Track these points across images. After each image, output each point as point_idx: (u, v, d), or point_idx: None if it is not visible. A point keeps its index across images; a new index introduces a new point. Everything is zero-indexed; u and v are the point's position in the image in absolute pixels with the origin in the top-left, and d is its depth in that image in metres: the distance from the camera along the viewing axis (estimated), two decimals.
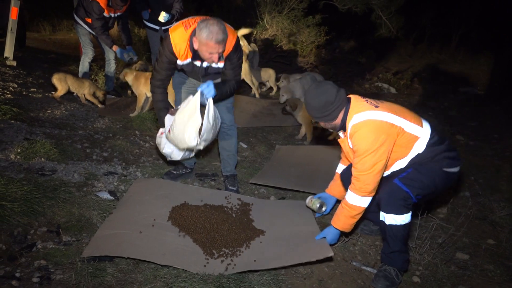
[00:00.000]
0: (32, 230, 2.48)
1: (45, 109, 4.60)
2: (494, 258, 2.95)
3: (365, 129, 2.29)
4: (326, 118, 2.43)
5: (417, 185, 2.39)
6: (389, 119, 2.31)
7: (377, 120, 2.29)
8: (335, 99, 2.36)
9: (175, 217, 2.80)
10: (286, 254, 2.49)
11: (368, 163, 2.29)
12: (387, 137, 2.28)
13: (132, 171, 3.53)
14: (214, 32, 2.54)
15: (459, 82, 9.05)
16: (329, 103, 2.36)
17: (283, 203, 3.29)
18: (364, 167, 2.31)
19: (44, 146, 3.39)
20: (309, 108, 2.47)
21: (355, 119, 2.33)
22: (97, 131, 4.29)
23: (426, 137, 2.41)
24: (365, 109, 2.33)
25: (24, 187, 2.69)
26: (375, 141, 2.26)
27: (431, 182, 2.43)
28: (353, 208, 2.43)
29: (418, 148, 2.41)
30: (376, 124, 2.28)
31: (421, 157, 2.42)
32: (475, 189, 4.02)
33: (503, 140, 5.51)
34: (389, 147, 2.30)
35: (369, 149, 2.27)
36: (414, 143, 2.40)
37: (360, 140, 2.30)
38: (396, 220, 2.37)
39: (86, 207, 2.80)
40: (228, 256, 2.48)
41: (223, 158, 3.43)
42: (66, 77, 4.98)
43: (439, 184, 2.48)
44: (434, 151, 2.41)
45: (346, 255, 2.75)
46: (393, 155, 2.40)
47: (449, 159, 2.45)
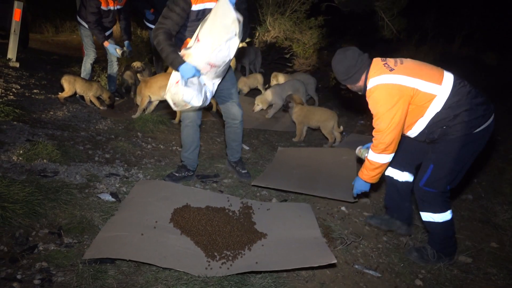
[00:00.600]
0: (33, 232, 2.48)
1: (48, 111, 4.61)
2: (497, 261, 2.93)
3: (377, 93, 2.45)
4: (350, 81, 2.64)
5: (443, 177, 2.53)
6: (402, 81, 2.41)
7: (389, 83, 2.42)
8: (356, 62, 2.56)
9: (177, 219, 2.80)
10: (288, 257, 2.48)
11: (382, 123, 2.45)
12: (399, 98, 2.40)
13: (134, 172, 3.53)
14: None
15: None
16: (351, 66, 2.57)
17: (285, 205, 3.28)
18: (379, 127, 2.48)
19: (46, 148, 3.39)
20: (335, 71, 2.69)
21: (370, 84, 2.52)
22: (99, 133, 4.30)
23: (445, 95, 2.42)
24: (380, 73, 2.48)
25: (26, 188, 2.69)
26: (387, 103, 2.41)
27: (459, 164, 2.51)
28: (373, 164, 2.62)
29: (436, 107, 2.44)
30: (388, 88, 2.43)
31: (438, 120, 2.46)
32: (478, 191, 4.00)
33: (507, 142, 5.49)
34: (403, 108, 2.41)
35: (382, 111, 2.43)
36: (431, 102, 2.44)
37: (374, 104, 2.49)
38: (434, 218, 2.63)
39: (88, 209, 2.80)
40: (230, 259, 2.47)
41: (232, 147, 3.70)
42: (76, 79, 5.02)
43: (469, 154, 2.52)
44: (453, 111, 2.42)
45: (348, 258, 2.74)
46: (411, 114, 2.49)
47: (473, 119, 2.42)
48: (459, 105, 2.42)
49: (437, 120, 2.47)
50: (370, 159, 2.65)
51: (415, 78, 2.42)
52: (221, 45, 2.82)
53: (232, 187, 3.56)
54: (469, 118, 2.41)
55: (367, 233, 3.07)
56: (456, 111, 2.42)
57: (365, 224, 3.18)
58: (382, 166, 2.62)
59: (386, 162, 2.60)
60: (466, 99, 2.42)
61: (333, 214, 3.23)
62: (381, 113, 2.45)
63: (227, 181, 3.66)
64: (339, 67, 2.64)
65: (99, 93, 5.18)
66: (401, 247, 2.95)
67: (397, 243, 3.02)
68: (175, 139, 4.47)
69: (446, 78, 2.47)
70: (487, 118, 2.46)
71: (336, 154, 4.25)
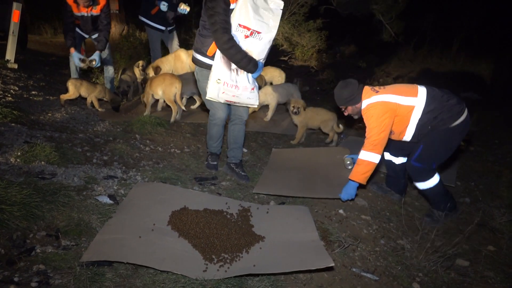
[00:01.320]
0: (31, 234, 2.48)
1: (46, 112, 4.60)
2: (495, 264, 2.94)
3: (370, 110, 3.15)
4: (352, 102, 3.26)
5: (429, 156, 3.22)
6: (386, 98, 3.12)
7: (377, 102, 3.13)
8: (357, 88, 3.24)
9: (174, 221, 2.80)
10: (286, 260, 2.48)
11: (374, 131, 3.13)
12: (386, 112, 3.10)
13: (132, 175, 3.52)
14: None
15: (460, 87, 9.04)
16: (354, 91, 3.23)
17: (283, 208, 3.28)
18: (372, 134, 3.14)
19: (44, 150, 3.39)
20: (340, 96, 3.30)
21: (363, 105, 3.24)
22: (98, 135, 4.29)
23: (421, 103, 3.12)
24: (369, 96, 3.19)
25: (24, 190, 2.68)
26: (378, 117, 3.11)
27: (442, 147, 3.21)
28: (362, 162, 3.17)
29: (416, 114, 3.14)
30: (377, 105, 3.13)
31: (424, 123, 3.16)
32: (475, 195, 4.01)
33: (504, 146, 5.50)
34: (389, 120, 3.11)
35: (374, 123, 3.12)
36: (412, 112, 3.14)
37: (368, 119, 3.17)
38: (427, 184, 3.31)
39: (86, 211, 2.80)
40: (228, 262, 2.47)
41: (234, 148, 3.81)
42: (82, 83, 5.08)
43: (451, 142, 3.23)
44: (434, 114, 3.11)
45: (346, 261, 2.74)
46: (399, 123, 3.20)
47: (450, 116, 3.11)
48: (436, 108, 3.10)
49: (422, 124, 3.17)
50: (360, 157, 3.20)
51: (395, 95, 3.13)
52: (271, 40, 3.28)
53: (230, 190, 3.56)
54: (447, 116, 3.10)
55: (365, 236, 3.08)
56: (435, 113, 3.11)
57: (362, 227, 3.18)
58: (371, 165, 3.16)
59: (374, 162, 3.16)
60: (441, 102, 3.12)
61: (331, 217, 3.24)
62: (373, 124, 3.13)
63: (225, 184, 3.67)
64: (344, 92, 3.26)
65: (102, 95, 5.21)
66: (398, 250, 2.95)
67: (395, 246, 3.02)
68: (173, 141, 4.47)
69: (420, 91, 3.16)
70: (461, 114, 3.13)
71: (330, 153, 4.24)
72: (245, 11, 3.07)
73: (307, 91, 8.04)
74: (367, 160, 3.16)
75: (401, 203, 3.44)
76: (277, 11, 3.25)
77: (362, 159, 3.19)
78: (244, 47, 3.16)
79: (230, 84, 3.25)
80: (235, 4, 3.11)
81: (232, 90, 3.27)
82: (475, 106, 7.94)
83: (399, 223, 3.36)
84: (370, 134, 3.15)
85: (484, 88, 9.06)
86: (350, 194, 3.25)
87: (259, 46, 3.21)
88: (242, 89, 3.30)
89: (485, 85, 9.26)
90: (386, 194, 3.83)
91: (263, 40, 3.20)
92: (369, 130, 3.16)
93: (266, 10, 3.18)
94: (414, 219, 3.39)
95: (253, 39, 3.17)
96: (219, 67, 3.21)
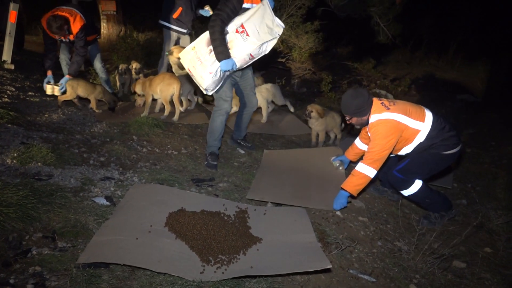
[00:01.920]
0: (27, 235, 2.47)
1: (43, 113, 4.59)
2: (491, 266, 2.95)
3: (380, 127, 3.12)
4: (360, 114, 3.23)
5: (412, 171, 3.28)
6: (397, 118, 3.10)
7: (388, 119, 3.10)
8: (367, 100, 3.18)
9: (171, 223, 2.79)
10: (284, 262, 2.48)
11: (377, 147, 3.14)
12: (394, 132, 3.11)
13: (129, 176, 3.51)
14: None
15: (457, 89, 9.08)
16: (364, 102, 3.17)
17: (280, 210, 3.28)
18: (374, 150, 3.15)
19: (41, 151, 3.37)
20: (348, 105, 3.23)
21: (372, 119, 3.19)
22: (94, 136, 4.28)
23: (426, 129, 3.17)
24: (380, 111, 3.15)
25: (20, 192, 2.67)
26: (385, 135, 3.10)
27: (426, 167, 3.30)
28: (358, 174, 3.20)
29: (420, 138, 3.20)
30: (388, 123, 3.10)
31: (421, 146, 3.22)
32: (472, 196, 4.03)
33: (500, 147, 5.52)
34: (395, 139, 3.13)
35: (380, 140, 3.12)
36: (416, 135, 3.19)
37: (375, 134, 3.15)
38: (409, 191, 3.33)
39: (82, 212, 2.78)
40: (225, 263, 2.47)
41: (241, 129, 4.43)
42: (78, 83, 5.08)
43: (437, 165, 3.35)
44: (432, 140, 3.18)
45: (343, 263, 2.74)
46: (400, 143, 3.24)
47: (446, 145, 3.20)
48: (436, 136, 3.18)
49: (420, 146, 3.24)
50: (357, 169, 3.23)
51: (405, 116, 3.13)
52: (265, 42, 3.49)
53: (228, 191, 3.55)
54: (443, 144, 3.19)
55: (362, 238, 3.08)
56: (434, 140, 3.18)
57: (360, 229, 3.19)
58: (365, 178, 3.19)
59: (370, 176, 3.18)
60: (442, 132, 3.18)
61: (328, 218, 3.24)
62: (378, 141, 3.12)
63: (222, 185, 3.66)
64: (353, 102, 3.19)
65: (101, 96, 5.21)
66: (395, 251, 2.96)
67: (392, 247, 3.03)
68: (170, 142, 4.46)
69: (427, 116, 3.20)
70: (456, 146, 3.23)
71: (323, 154, 4.23)
72: (253, 15, 3.44)
73: (304, 92, 8.06)
74: (363, 173, 3.18)
75: (398, 204, 3.44)
76: (275, 34, 3.51)
77: (358, 171, 3.21)
78: (229, 38, 3.47)
79: (198, 55, 3.54)
80: (249, 4, 3.51)
81: (195, 61, 3.56)
82: (471, 108, 7.98)
83: (396, 224, 3.37)
84: (373, 150, 3.15)
85: (480, 90, 9.10)
86: (342, 203, 3.28)
87: (240, 47, 3.47)
88: (202, 67, 3.54)
89: (481, 87, 9.30)
90: (383, 195, 3.83)
91: (247, 44, 3.46)
92: (373, 145, 3.16)
93: (268, 27, 3.48)
94: (411, 220, 3.40)
95: (240, 36, 3.46)
96: (201, 39, 3.57)
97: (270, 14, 3.47)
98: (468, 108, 7.98)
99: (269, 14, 3.47)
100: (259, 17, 3.45)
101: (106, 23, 10.30)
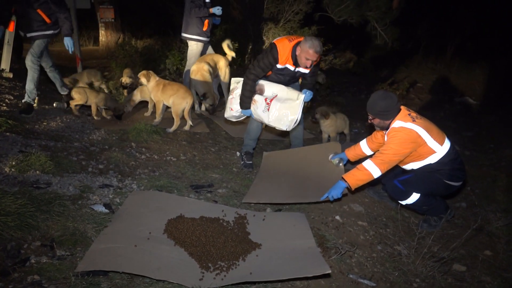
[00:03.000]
0: (25, 244, 2.46)
1: (41, 121, 4.59)
2: (491, 269, 2.94)
3: (401, 133, 3.13)
4: (384, 117, 3.22)
5: (413, 185, 3.29)
6: (419, 131, 3.12)
7: (411, 129, 3.12)
8: (395, 105, 3.18)
9: (170, 230, 2.78)
10: (283, 268, 2.47)
11: (391, 151, 3.15)
12: (411, 143, 3.12)
13: (128, 183, 3.51)
14: (316, 45, 3.58)
15: (455, 92, 9.11)
16: (391, 106, 3.17)
17: (279, 215, 3.27)
18: (387, 152, 3.17)
19: (39, 159, 3.37)
20: (374, 104, 3.22)
21: (396, 124, 3.19)
22: (93, 143, 4.28)
23: (442, 153, 3.19)
24: (406, 120, 3.16)
25: (18, 200, 2.66)
26: (402, 142, 3.12)
27: (427, 186, 3.29)
28: (364, 170, 3.19)
29: (432, 159, 3.22)
30: (409, 132, 3.12)
31: (430, 166, 3.24)
32: (471, 199, 4.02)
33: (499, 150, 5.53)
34: (410, 150, 3.15)
35: (396, 145, 3.14)
36: (430, 155, 3.20)
37: (393, 139, 3.15)
38: (406, 202, 3.36)
39: (81, 220, 2.78)
40: (224, 270, 2.46)
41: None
42: (84, 89, 5.11)
43: (437, 190, 3.33)
44: (441, 166, 3.21)
45: (343, 267, 2.73)
46: (412, 156, 3.24)
47: (451, 175, 3.23)
48: (447, 163, 3.20)
49: (427, 168, 3.26)
50: (364, 165, 3.21)
51: (427, 132, 3.14)
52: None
53: (227, 197, 3.55)
54: (448, 173, 3.23)
55: (362, 242, 3.07)
56: (443, 166, 3.21)
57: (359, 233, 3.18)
58: (369, 176, 3.19)
59: (374, 175, 3.18)
60: (453, 163, 3.22)
61: (327, 223, 3.23)
62: (393, 145, 3.14)
63: (221, 191, 3.66)
64: (381, 103, 3.18)
65: (104, 103, 5.18)
66: (395, 255, 2.95)
67: (391, 251, 3.02)
68: (169, 149, 4.46)
69: (446, 142, 3.24)
70: (459, 180, 3.31)
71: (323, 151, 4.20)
72: (285, 101, 3.84)
73: None
74: (368, 170, 3.18)
75: (397, 208, 3.44)
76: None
77: (364, 167, 3.20)
78: (257, 98, 3.93)
79: (235, 90, 4.13)
80: (282, 66, 3.84)
81: (233, 92, 4.15)
82: (470, 111, 8.00)
83: (395, 228, 3.36)
84: (386, 152, 3.16)
85: (478, 93, 9.13)
86: (336, 193, 3.22)
87: (259, 110, 3.92)
88: (232, 100, 4.15)
89: (479, 90, 9.32)
90: (382, 200, 3.83)
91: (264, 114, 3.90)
92: (387, 148, 3.17)
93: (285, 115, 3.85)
94: (411, 224, 3.39)
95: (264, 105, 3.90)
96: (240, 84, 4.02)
97: (298, 109, 3.81)
98: (466, 111, 8.00)
99: (296, 109, 3.80)
100: (287, 107, 3.82)
101: (105, 31, 10.35)
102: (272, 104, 3.84)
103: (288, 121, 3.83)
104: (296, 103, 3.82)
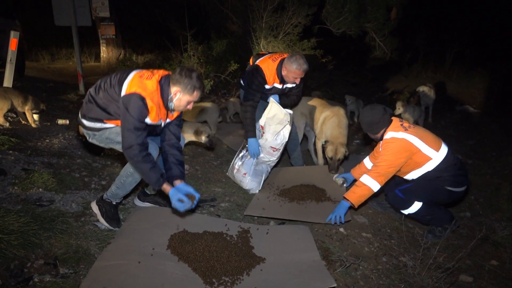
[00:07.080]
0: (29, 263, 2.45)
1: (44, 138, 4.60)
2: (498, 279, 2.91)
3: (394, 144, 3.16)
4: (371, 132, 3.35)
5: (414, 194, 3.29)
6: (411, 140, 3.13)
7: (403, 139, 3.14)
8: (379, 120, 3.23)
9: (174, 245, 2.77)
10: (288, 282, 2.45)
11: (386, 163, 3.17)
12: (405, 152, 3.14)
13: (130, 199, 3.51)
14: (301, 64, 3.65)
15: (455, 101, 9.13)
16: (374, 123, 3.26)
17: (282, 228, 3.26)
18: (382, 164, 3.19)
19: (42, 176, 3.38)
20: (361, 121, 3.40)
21: (388, 135, 3.22)
22: (95, 159, 4.29)
23: (439, 159, 3.16)
24: (398, 130, 3.19)
25: (21, 218, 2.66)
26: (396, 153, 3.14)
27: (428, 194, 3.27)
28: (362, 185, 3.21)
29: (429, 166, 3.19)
30: (402, 142, 3.14)
31: (428, 175, 3.21)
32: (475, 209, 4.00)
33: (502, 158, 5.52)
34: (404, 159, 3.16)
35: (390, 156, 3.16)
36: (426, 162, 3.18)
37: (387, 150, 3.18)
38: (409, 211, 3.36)
39: (84, 237, 2.77)
40: (228, 285, 2.44)
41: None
42: None
43: (439, 197, 3.31)
44: (440, 172, 3.17)
45: (348, 280, 2.70)
46: (409, 166, 3.24)
47: (452, 181, 3.19)
48: (445, 169, 3.17)
49: (427, 175, 3.23)
50: (361, 180, 3.24)
51: (420, 140, 3.14)
52: (277, 132, 3.86)
53: (230, 211, 3.54)
54: (450, 180, 3.19)
55: (366, 254, 3.05)
56: (442, 173, 3.18)
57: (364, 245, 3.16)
58: (368, 191, 3.20)
59: (373, 189, 3.19)
60: (453, 168, 3.19)
61: (331, 235, 3.21)
62: (388, 157, 3.16)
63: (224, 205, 3.65)
64: (365, 120, 3.32)
65: None
66: (401, 267, 2.92)
67: (397, 263, 2.99)
68: None
69: (443, 148, 3.20)
70: (461, 186, 3.26)
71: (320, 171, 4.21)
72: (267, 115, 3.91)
73: None
74: (367, 185, 3.19)
75: (401, 219, 3.42)
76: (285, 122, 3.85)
77: (363, 182, 3.22)
78: None
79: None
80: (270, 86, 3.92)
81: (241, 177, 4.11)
82: (471, 119, 8.01)
83: (400, 239, 3.34)
84: (381, 164, 3.19)
85: (478, 101, 9.15)
86: (339, 213, 3.24)
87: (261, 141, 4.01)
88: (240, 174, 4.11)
89: (479, 98, 9.35)
90: (386, 211, 3.81)
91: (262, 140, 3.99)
92: (382, 160, 3.20)
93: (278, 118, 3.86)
94: (415, 235, 3.37)
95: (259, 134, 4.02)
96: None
97: (278, 107, 3.83)
98: (467, 119, 8.01)
99: (276, 108, 3.83)
100: (271, 115, 3.86)
101: (106, 47, 10.45)
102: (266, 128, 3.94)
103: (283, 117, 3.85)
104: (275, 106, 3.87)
